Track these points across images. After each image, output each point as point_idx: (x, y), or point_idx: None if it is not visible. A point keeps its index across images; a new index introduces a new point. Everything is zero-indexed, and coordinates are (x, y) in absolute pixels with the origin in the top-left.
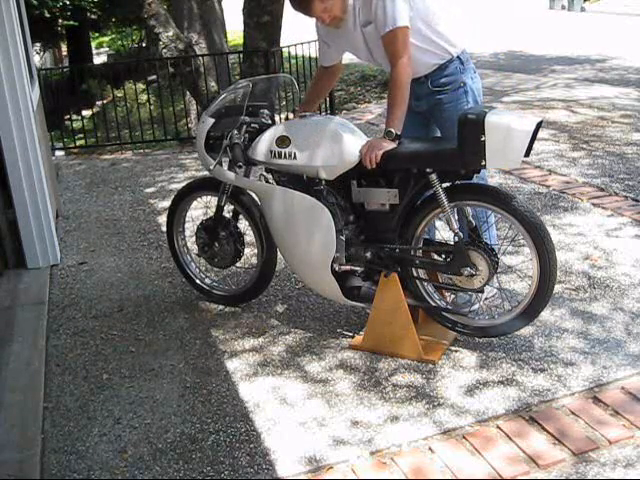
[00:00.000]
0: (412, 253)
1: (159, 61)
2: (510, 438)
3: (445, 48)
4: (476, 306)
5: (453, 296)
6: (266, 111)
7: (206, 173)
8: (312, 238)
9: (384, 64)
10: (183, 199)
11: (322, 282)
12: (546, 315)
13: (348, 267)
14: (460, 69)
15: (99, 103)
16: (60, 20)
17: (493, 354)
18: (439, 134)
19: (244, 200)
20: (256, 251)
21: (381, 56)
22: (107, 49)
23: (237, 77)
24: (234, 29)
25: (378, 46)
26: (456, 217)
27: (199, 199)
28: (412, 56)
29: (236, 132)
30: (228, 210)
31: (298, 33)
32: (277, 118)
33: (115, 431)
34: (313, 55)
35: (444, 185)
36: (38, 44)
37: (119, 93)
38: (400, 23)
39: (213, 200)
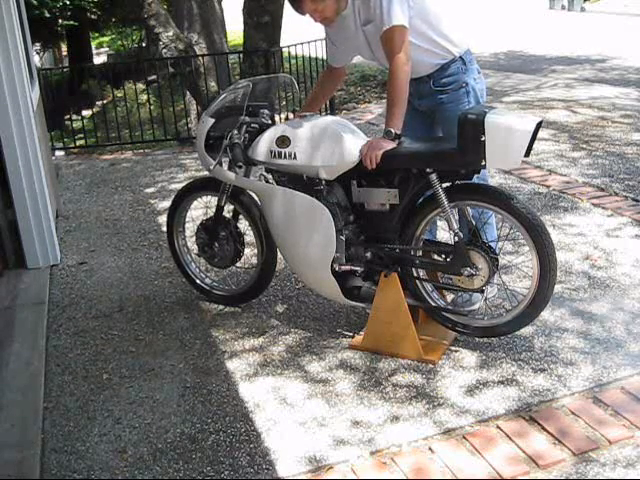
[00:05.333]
0: (412, 253)
1: (159, 61)
2: (510, 438)
3: (447, 48)
4: (476, 306)
5: (453, 296)
6: (266, 111)
7: (206, 173)
8: (312, 238)
9: (386, 64)
10: (183, 199)
11: (322, 282)
12: (546, 315)
13: (348, 267)
14: (462, 69)
15: (99, 103)
16: (60, 20)
17: (493, 354)
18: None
19: (244, 200)
20: (256, 251)
21: (383, 55)
22: (107, 49)
23: (237, 77)
24: (234, 29)
25: (379, 45)
26: (456, 217)
27: (199, 199)
28: (414, 56)
29: (236, 132)
30: (228, 210)
31: (298, 33)
32: (277, 118)
33: (115, 431)
34: (313, 55)
35: (444, 185)
36: (38, 44)
37: (119, 93)
38: (396, 22)
39: (213, 200)
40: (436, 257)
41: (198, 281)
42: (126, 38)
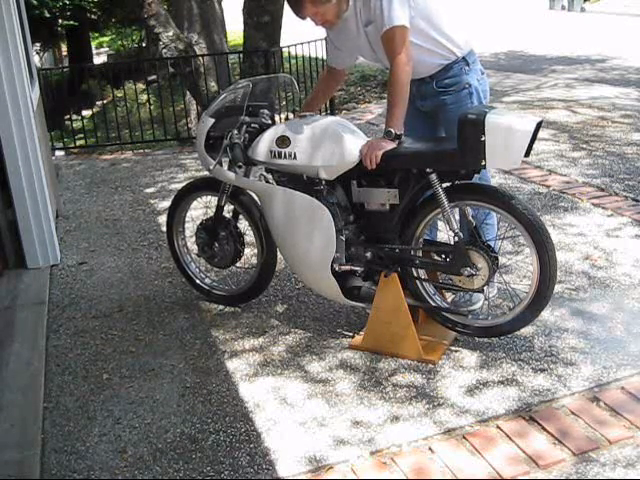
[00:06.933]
0: (412, 253)
1: (159, 61)
2: (510, 438)
3: (449, 48)
4: (477, 306)
5: (453, 296)
6: (266, 111)
7: (206, 173)
8: (312, 238)
9: (389, 64)
10: (183, 199)
11: (322, 282)
12: (546, 315)
13: (348, 267)
14: (465, 70)
15: (99, 103)
16: (60, 20)
17: (493, 354)
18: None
19: (244, 200)
20: (256, 251)
21: (385, 56)
22: (107, 49)
23: (237, 77)
24: (234, 29)
25: (381, 46)
26: (457, 217)
27: (199, 199)
28: (416, 56)
29: (236, 132)
30: (228, 210)
31: (298, 33)
32: (277, 118)
33: (115, 431)
34: (313, 55)
35: (444, 185)
36: (38, 44)
37: (119, 93)
38: (396, 22)
39: (213, 200)
40: (436, 257)
41: (198, 281)
42: (126, 38)
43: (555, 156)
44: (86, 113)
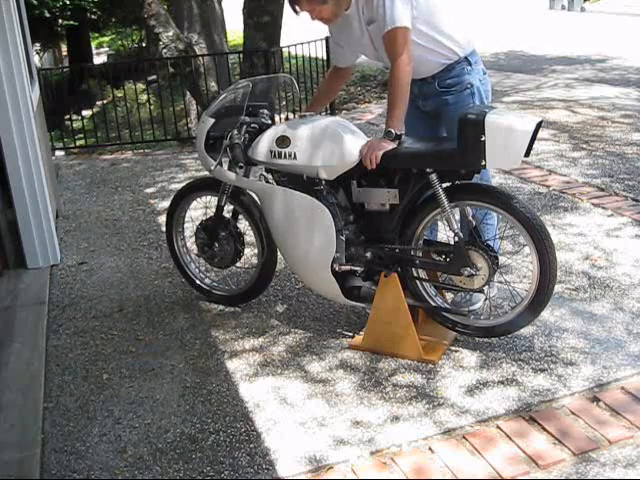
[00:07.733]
0: (412, 253)
1: (159, 61)
2: (510, 438)
3: (451, 48)
4: (477, 306)
5: (453, 296)
6: (266, 111)
7: (206, 173)
8: (312, 238)
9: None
10: (183, 199)
11: (322, 282)
12: (546, 315)
13: (348, 267)
14: (467, 70)
15: (99, 103)
16: (60, 20)
17: (493, 354)
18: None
19: (244, 200)
20: (256, 251)
21: (386, 55)
22: (107, 49)
23: (237, 77)
24: (234, 29)
25: (382, 45)
26: (457, 217)
27: (199, 199)
28: (418, 56)
29: (236, 132)
30: (228, 210)
31: (298, 33)
32: (277, 118)
33: (115, 431)
34: (313, 55)
35: (444, 185)
36: (38, 44)
37: (119, 93)
38: (398, 23)
39: (213, 200)
40: (436, 257)
41: (198, 281)
42: (126, 38)
43: (555, 156)
44: (86, 113)
